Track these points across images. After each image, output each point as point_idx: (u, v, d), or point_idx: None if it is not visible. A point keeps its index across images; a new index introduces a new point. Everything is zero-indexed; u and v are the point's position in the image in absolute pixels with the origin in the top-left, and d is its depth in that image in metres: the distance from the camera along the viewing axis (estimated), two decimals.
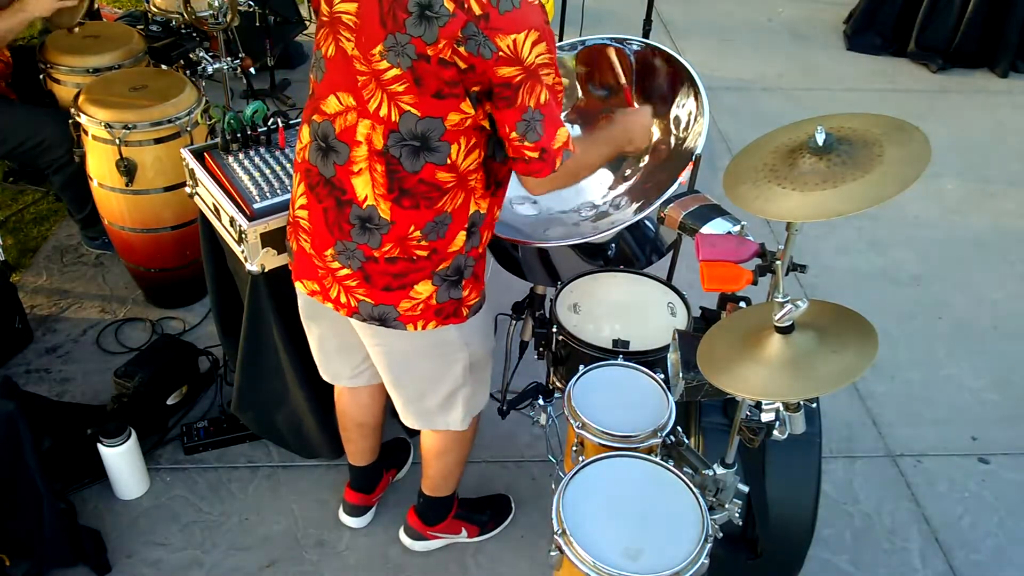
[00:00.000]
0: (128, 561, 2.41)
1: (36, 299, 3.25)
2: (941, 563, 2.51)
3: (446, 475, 2.30)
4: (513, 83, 1.58)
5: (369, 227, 1.76)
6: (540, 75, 1.59)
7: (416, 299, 1.82)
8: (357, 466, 2.45)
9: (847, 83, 5.08)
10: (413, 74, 1.59)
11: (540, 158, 1.67)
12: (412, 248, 1.77)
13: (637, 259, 2.28)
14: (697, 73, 2.30)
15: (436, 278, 1.81)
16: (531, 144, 1.65)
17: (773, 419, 1.62)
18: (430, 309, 1.84)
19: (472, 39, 1.53)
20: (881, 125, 1.47)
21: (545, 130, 1.64)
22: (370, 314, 1.85)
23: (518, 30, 1.53)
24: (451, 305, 1.86)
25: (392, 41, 1.58)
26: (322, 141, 1.76)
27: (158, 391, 2.72)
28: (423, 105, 1.62)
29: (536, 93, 1.60)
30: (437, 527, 2.41)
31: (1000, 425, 2.96)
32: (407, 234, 1.75)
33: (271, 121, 2.43)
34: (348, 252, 1.80)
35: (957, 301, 3.49)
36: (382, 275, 1.80)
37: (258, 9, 3.96)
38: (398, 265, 1.78)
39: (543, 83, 1.60)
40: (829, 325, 1.49)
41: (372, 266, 1.79)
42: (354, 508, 2.51)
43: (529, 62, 1.56)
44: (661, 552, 1.57)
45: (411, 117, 1.64)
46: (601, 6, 5.11)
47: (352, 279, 1.83)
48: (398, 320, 1.85)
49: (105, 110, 2.80)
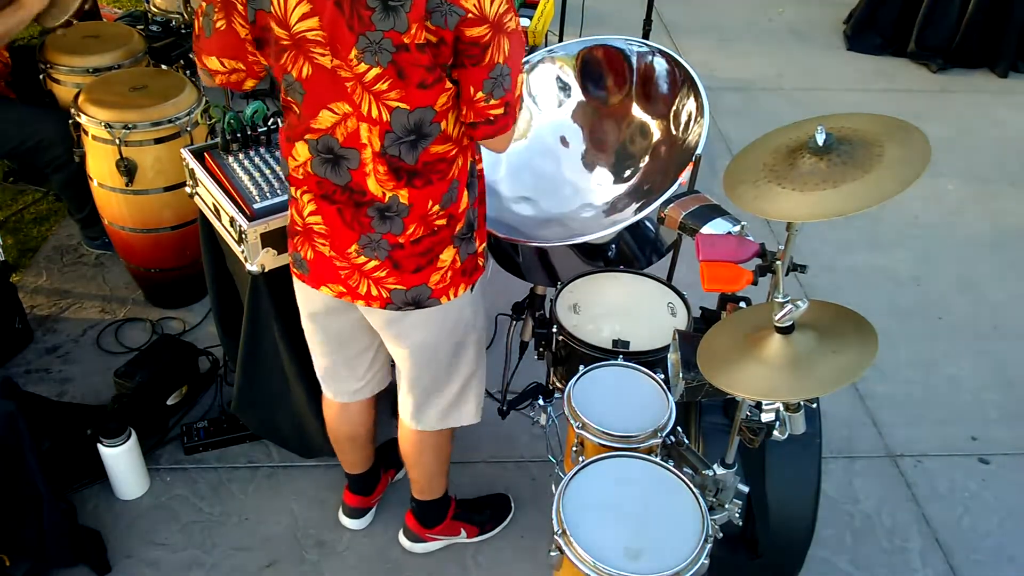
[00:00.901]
0: (128, 561, 2.41)
1: (36, 299, 3.25)
2: (941, 563, 2.51)
3: (430, 477, 2.29)
4: (482, 42, 1.55)
5: (388, 215, 1.76)
6: (504, 25, 1.56)
7: (443, 268, 1.85)
8: (354, 474, 2.45)
9: (847, 83, 5.08)
10: (395, 68, 1.57)
11: (505, 112, 1.64)
12: (432, 221, 1.79)
13: (637, 259, 2.28)
14: (697, 73, 2.30)
15: (455, 240, 1.84)
16: (497, 101, 1.62)
17: (773, 419, 1.62)
18: (456, 273, 1.87)
19: (437, 10, 1.51)
20: (881, 125, 1.47)
21: (511, 81, 1.61)
22: (404, 300, 1.86)
23: None
24: (471, 261, 1.90)
25: (365, 42, 1.55)
26: (327, 154, 1.74)
27: (158, 391, 2.72)
28: (410, 98, 1.61)
29: (502, 47, 1.57)
30: (435, 529, 2.41)
31: (1000, 425, 2.96)
32: (427, 211, 1.77)
33: (271, 121, 2.43)
34: (373, 244, 1.80)
35: (957, 301, 3.49)
36: (410, 258, 1.81)
37: None
38: (423, 243, 1.80)
39: (507, 32, 1.57)
40: (829, 325, 1.49)
41: (399, 252, 1.80)
42: (353, 510, 2.50)
43: (493, 15, 1.53)
44: (661, 552, 1.57)
45: (401, 113, 1.62)
46: (601, 6, 5.11)
47: (380, 270, 1.83)
48: (432, 297, 1.87)
49: (105, 110, 2.80)
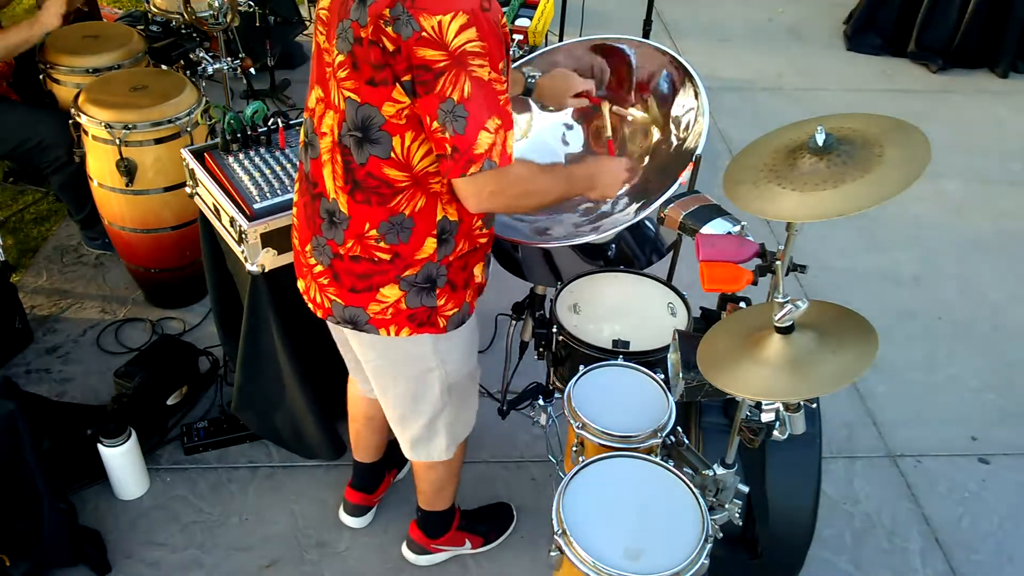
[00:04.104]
0: (128, 561, 2.41)
1: (36, 299, 3.25)
2: (941, 563, 2.51)
3: (438, 489, 2.28)
4: (434, 68, 1.50)
5: (335, 221, 1.76)
6: (468, 65, 1.50)
7: (384, 302, 1.79)
8: (361, 463, 2.45)
9: (847, 83, 5.08)
10: (352, 58, 1.58)
11: (451, 156, 1.56)
12: (372, 248, 1.74)
13: (637, 259, 2.28)
14: (697, 73, 2.30)
15: (403, 283, 1.77)
16: (448, 137, 1.55)
17: (773, 419, 1.62)
18: (401, 314, 1.80)
19: (398, 19, 1.49)
20: (881, 125, 1.47)
21: (467, 128, 1.53)
22: (342, 316, 1.84)
23: (444, 11, 1.47)
24: (424, 312, 1.82)
25: (341, 28, 1.59)
26: (307, 137, 1.79)
27: (158, 391, 2.72)
28: (361, 92, 1.60)
29: (459, 84, 1.51)
30: (440, 540, 2.39)
31: (1000, 425, 2.96)
32: (364, 231, 1.73)
33: (271, 121, 2.43)
34: (320, 247, 1.81)
35: (957, 301, 3.49)
36: (348, 274, 1.79)
37: (258, 9, 3.96)
38: (361, 265, 1.76)
39: (470, 75, 1.51)
40: (829, 325, 1.49)
41: (339, 263, 1.79)
42: (355, 508, 2.50)
43: (454, 47, 1.48)
44: (661, 552, 1.57)
45: (353, 104, 1.62)
46: (601, 6, 5.11)
47: (324, 276, 1.83)
48: (369, 323, 1.82)
49: (105, 110, 2.80)
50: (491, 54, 1.52)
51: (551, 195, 1.77)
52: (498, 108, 1.57)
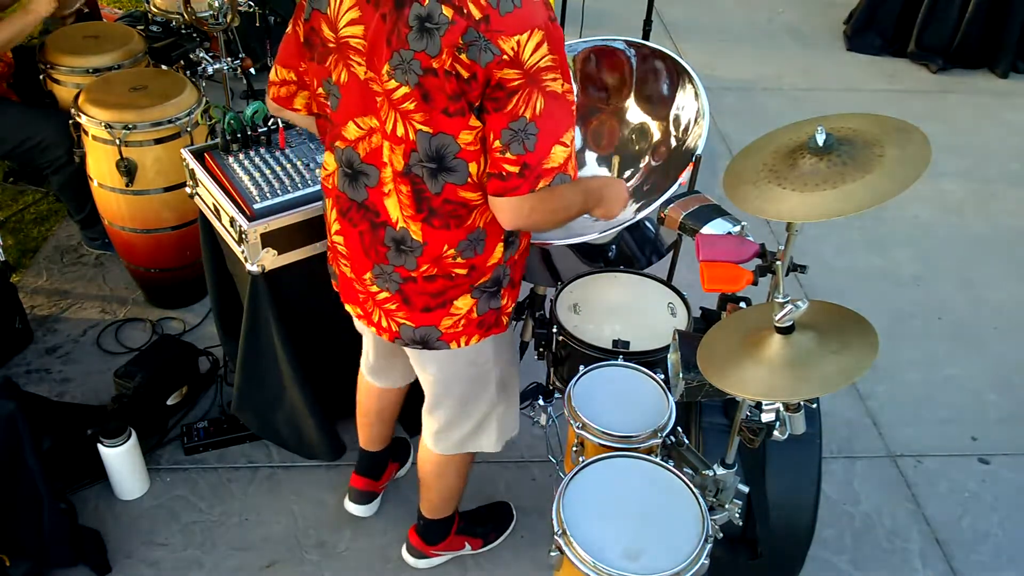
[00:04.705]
0: (128, 561, 2.41)
1: (36, 299, 3.25)
2: (941, 563, 2.51)
3: (446, 497, 2.28)
4: (508, 87, 1.48)
5: (403, 249, 1.72)
6: (542, 81, 1.49)
7: (457, 315, 1.79)
8: (368, 451, 2.47)
9: (847, 83, 5.08)
10: (421, 90, 1.52)
11: (520, 174, 1.53)
12: (449, 267, 1.73)
13: (637, 259, 2.28)
14: (697, 74, 2.30)
15: (475, 291, 1.78)
16: (513, 156, 1.52)
17: (773, 419, 1.62)
18: (472, 323, 1.82)
19: (473, 45, 1.45)
20: (881, 125, 1.47)
21: (538, 144, 1.52)
22: (412, 338, 1.83)
23: (521, 30, 1.45)
24: (492, 316, 1.84)
25: (398, 59, 1.52)
26: (347, 167, 1.73)
27: (158, 391, 2.72)
28: (434, 122, 1.55)
29: (532, 102, 1.49)
30: (439, 545, 2.39)
31: (1000, 425, 2.96)
32: (441, 253, 1.71)
33: (271, 121, 2.43)
34: (385, 275, 1.78)
35: (957, 301, 3.49)
36: (420, 295, 1.77)
37: (258, 9, 3.96)
38: (437, 283, 1.75)
39: (544, 90, 1.50)
40: (829, 325, 1.49)
41: (410, 287, 1.76)
42: (361, 494, 2.51)
43: (530, 65, 1.47)
44: (661, 552, 1.57)
45: (424, 136, 1.57)
46: (601, 6, 5.11)
47: (391, 302, 1.80)
48: (440, 340, 1.82)
49: (105, 110, 2.80)
50: (562, 66, 1.51)
51: (573, 210, 1.73)
52: (573, 120, 1.56)
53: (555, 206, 1.65)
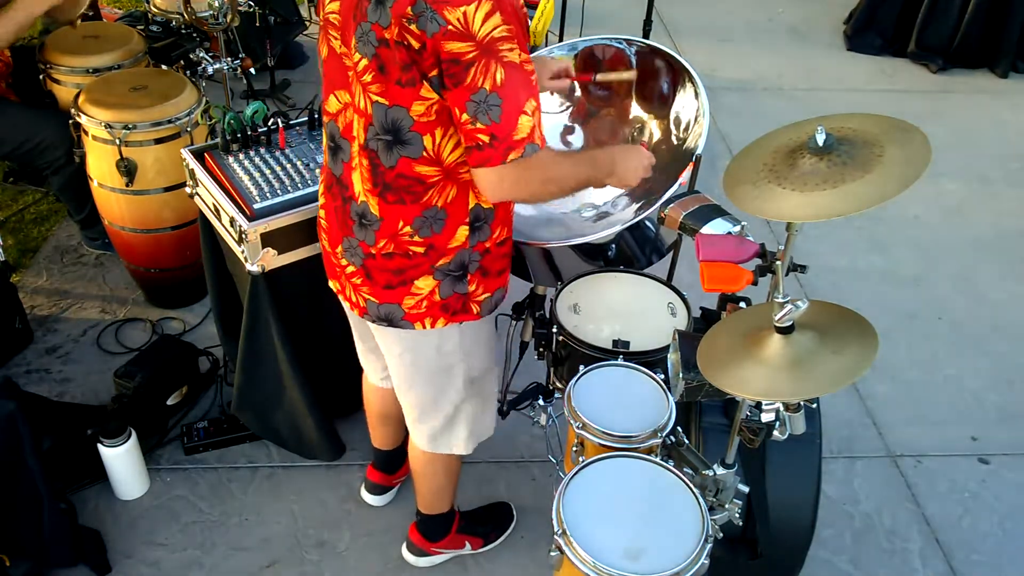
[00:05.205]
0: (128, 561, 2.41)
1: (36, 299, 3.25)
2: (941, 563, 2.51)
3: (436, 492, 2.29)
4: (464, 60, 1.48)
5: (365, 223, 1.77)
6: (498, 52, 1.48)
7: (419, 295, 1.81)
8: (380, 449, 2.48)
9: (847, 83, 5.09)
10: (377, 61, 1.56)
11: (490, 144, 1.54)
12: (406, 244, 1.75)
13: (637, 259, 2.28)
14: (697, 73, 2.29)
15: (437, 273, 1.79)
16: (483, 126, 1.52)
17: (773, 419, 1.62)
18: (435, 305, 1.82)
19: (422, 16, 1.47)
20: (881, 125, 1.47)
21: (502, 115, 1.51)
22: (377, 314, 1.86)
23: (467, 1, 1.46)
24: (457, 300, 1.84)
25: (360, 32, 1.57)
26: (332, 142, 1.79)
27: (158, 391, 2.72)
28: (389, 94, 1.58)
29: (491, 73, 1.49)
30: (440, 543, 2.39)
31: (1000, 425, 2.96)
32: (398, 230, 1.74)
33: (271, 121, 2.43)
34: (352, 249, 1.82)
35: (957, 301, 3.49)
36: (381, 271, 1.80)
37: (258, 9, 3.96)
38: (395, 261, 1.78)
39: (502, 61, 1.49)
40: (829, 325, 1.49)
41: (371, 262, 1.80)
42: (375, 486, 2.54)
43: (483, 36, 1.47)
44: (661, 552, 1.57)
45: (380, 108, 1.61)
46: (601, 6, 5.11)
47: (357, 276, 1.84)
48: (404, 319, 1.84)
49: (105, 110, 2.80)
50: (518, 36, 1.52)
51: (572, 180, 1.72)
52: (533, 89, 1.56)
53: (545, 176, 1.64)
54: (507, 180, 1.59)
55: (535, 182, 1.63)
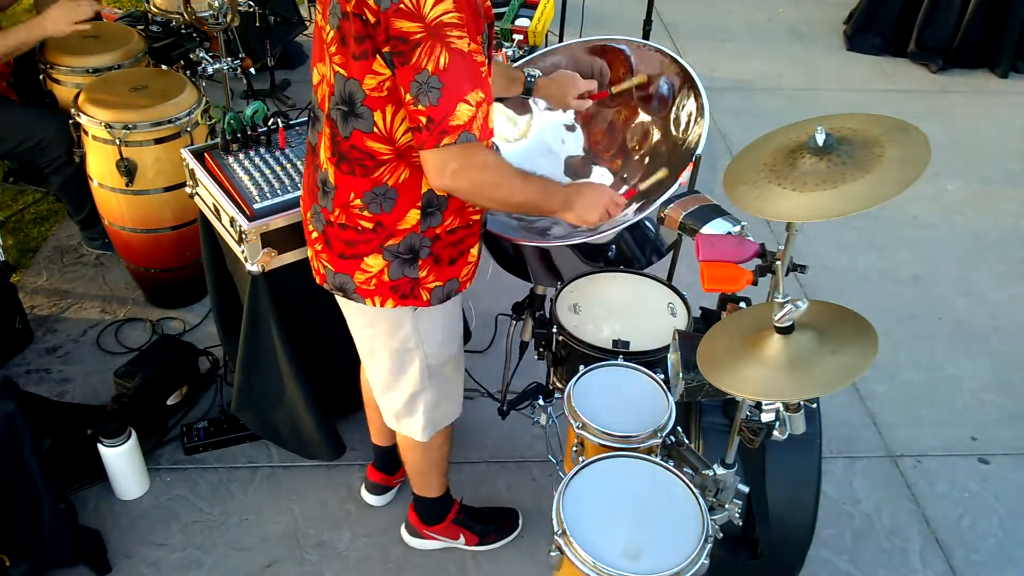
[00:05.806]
0: (128, 561, 2.41)
1: (36, 299, 3.26)
2: (941, 563, 2.51)
3: (421, 475, 2.31)
4: (411, 40, 1.51)
5: (326, 191, 1.81)
6: (445, 36, 1.50)
7: (369, 272, 1.84)
8: (378, 446, 2.49)
9: (847, 83, 5.08)
10: (340, 33, 1.61)
11: (426, 126, 1.55)
12: (356, 217, 1.79)
13: (637, 259, 2.28)
14: (697, 74, 2.29)
15: (386, 253, 1.82)
16: (423, 108, 1.54)
17: (773, 419, 1.62)
18: (384, 285, 1.85)
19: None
20: (881, 125, 1.47)
21: (441, 99, 1.53)
22: (333, 283, 1.90)
23: None
24: (407, 284, 1.85)
25: (332, 5, 1.62)
26: (312, 112, 1.84)
27: (158, 391, 2.72)
28: (348, 66, 1.63)
29: (435, 55, 1.51)
30: (433, 528, 2.41)
31: (1000, 425, 2.96)
32: (349, 201, 1.78)
33: (271, 121, 2.44)
34: (317, 215, 1.87)
35: (957, 301, 3.49)
36: (337, 240, 1.84)
37: (258, 9, 3.96)
38: (347, 233, 1.81)
39: (448, 46, 1.51)
40: (829, 325, 1.49)
41: (330, 230, 1.84)
42: (375, 486, 2.55)
43: (431, 18, 1.49)
44: (661, 552, 1.57)
45: (340, 79, 1.66)
46: (601, 6, 5.11)
47: (319, 242, 1.89)
48: (356, 292, 1.87)
49: (105, 110, 2.80)
50: (468, 25, 1.53)
51: (520, 196, 1.75)
52: (480, 80, 1.57)
53: (489, 179, 1.66)
54: (449, 167, 1.60)
55: (477, 181, 1.65)
